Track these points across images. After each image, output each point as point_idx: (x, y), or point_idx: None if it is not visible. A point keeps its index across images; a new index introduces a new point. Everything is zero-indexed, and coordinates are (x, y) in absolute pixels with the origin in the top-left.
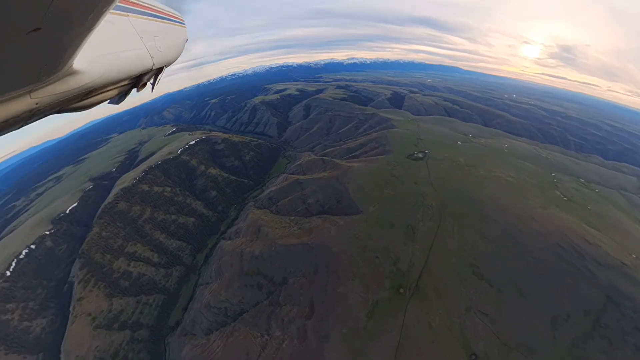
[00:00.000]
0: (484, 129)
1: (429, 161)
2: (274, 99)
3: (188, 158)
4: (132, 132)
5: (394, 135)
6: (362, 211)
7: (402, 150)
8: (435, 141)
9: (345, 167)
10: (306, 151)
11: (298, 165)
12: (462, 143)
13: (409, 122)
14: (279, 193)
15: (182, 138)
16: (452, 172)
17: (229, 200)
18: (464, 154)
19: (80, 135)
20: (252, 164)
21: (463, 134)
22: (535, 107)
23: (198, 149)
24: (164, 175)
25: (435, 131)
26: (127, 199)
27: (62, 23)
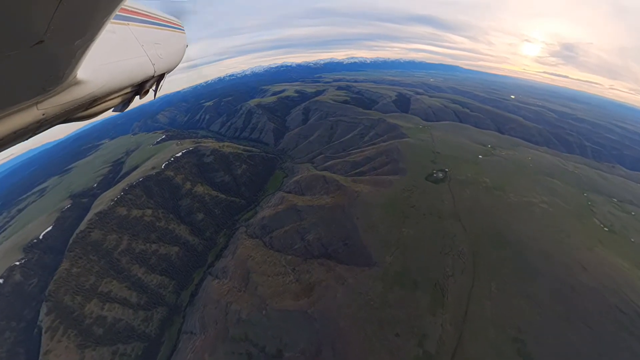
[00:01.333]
0: (501, 137)
1: (451, 184)
2: (270, 102)
3: (172, 174)
4: (123, 139)
5: (407, 148)
6: (377, 262)
7: (418, 168)
8: (455, 156)
9: (351, 193)
10: (305, 162)
11: (296, 182)
12: (483, 157)
13: (420, 130)
14: (274, 221)
15: (169, 149)
16: (480, 199)
17: (218, 224)
18: (488, 172)
19: (75, 139)
20: (245, 178)
21: (482, 145)
22: (544, 109)
23: (184, 162)
24: (145, 194)
25: (451, 142)
26: (102, 226)
27: (65, 35)
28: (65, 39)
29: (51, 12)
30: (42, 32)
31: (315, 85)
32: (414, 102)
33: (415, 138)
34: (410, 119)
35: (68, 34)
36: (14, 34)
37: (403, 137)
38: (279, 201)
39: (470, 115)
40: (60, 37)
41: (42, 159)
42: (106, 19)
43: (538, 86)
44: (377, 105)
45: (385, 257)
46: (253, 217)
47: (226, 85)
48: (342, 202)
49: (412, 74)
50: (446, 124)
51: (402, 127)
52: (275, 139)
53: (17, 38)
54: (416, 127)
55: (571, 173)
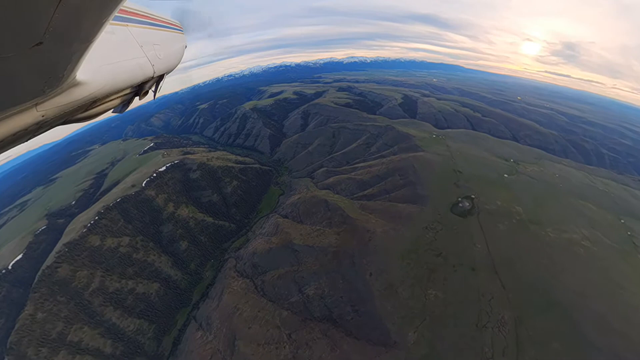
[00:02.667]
0: (521, 148)
1: (481, 217)
2: (267, 105)
3: (154, 193)
4: (112, 145)
5: (424, 165)
6: (396, 341)
7: (440, 195)
8: (478, 175)
9: (361, 232)
10: (304, 176)
11: (293, 206)
12: (509, 176)
13: (434, 141)
14: (266, 259)
15: (154, 161)
16: (516, 238)
17: (204, 254)
18: (518, 197)
19: (69, 143)
20: (235, 197)
21: (504, 159)
22: (554, 112)
23: (168, 178)
24: (122, 218)
25: (471, 156)
26: (72, 260)
27: (64, 36)
28: (64, 40)
29: (50, 14)
30: (41, 33)
31: (315, 86)
32: (421, 106)
33: (431, 151)
34: (421, 126)
35: (67, 35)
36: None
37: (416, 149)
38: (273, 229)
39: (483, 121)
40: (59, 38)
41: (34, 164)
42: (105, 20)
43: (541, 86)
44: (382, 109)
45: (407, 333)
46: (244, 245)
47: (223, 86)
48: (350, 247)
49: (413, 73)
50: (461, 132)
51: (413, 137)
52: (271, 147)
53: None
54: (429, 136)
55: (602, 193)
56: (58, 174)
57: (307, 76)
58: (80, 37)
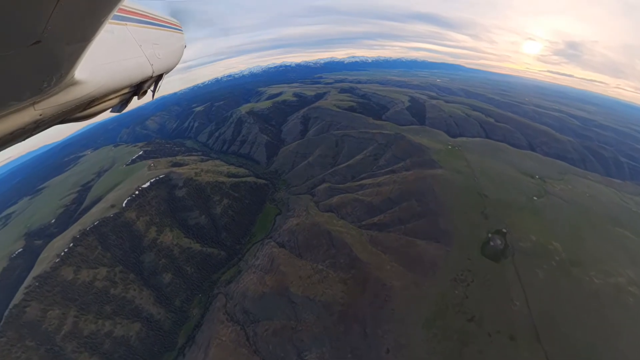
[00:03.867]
0: (543, 160)
1: (516, 259)
2: (264, 108)
3: (134, 215)
4: (103, 151)
5: (445, 188)
6: None
7: (467, 230)
8: (506, 200)
9: (375, 282)
10: (304, 192)
11: (291, 233)
12: (539, 198)
13: (451, 153)
14: (259, 305)
15: (139, 174)
16: (558, 289)
17: (191, 288)
18: (553, 228)
19: (64, 146)
20: (226, 219)
21: (529, 176)
22: (565, 115)
23: (151, 196)
24: (100, 244)
25: (495, 173)
26: (42, 298)
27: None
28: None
29: (49, 12)
30: (39, 32)
31: (316, 87)
32: (430, 109)
33: (450, 168)
34: (433, 134)
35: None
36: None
37: (433, 165)
38: (268, 263)
39: (496, 127)
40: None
41: (30, 168)
42: (104, 19)
43: (544, 86)
44: (389, 113)
45: None
46: (235, 278)
47: (222, 86)
48: (362, 307)
49: (415, 73)
50: (478, 142)
51: (427, 148)
52: (267, 156)
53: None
54: (444, 146)
55: (636, 215)
56: (46, 183)
57: (308, 76)
58: (79, 36)
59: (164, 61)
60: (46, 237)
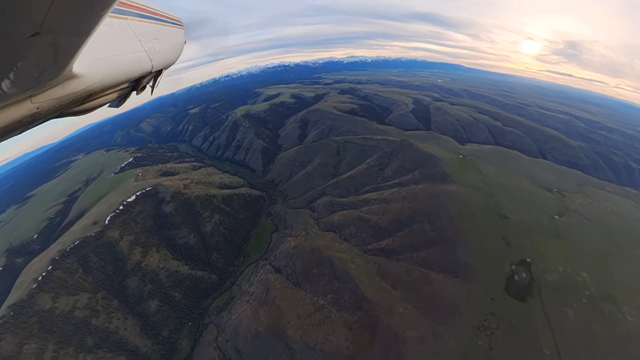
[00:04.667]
0: (557, 169)
1: (543, 296)
2: (261, 111)
3: (118, 234)
4: (94, 156)
5: (461, 208)
6: None
7: (489, 261)
8: (528, 222)
9: (386, 331)
10: (302, 207)
11: (288, 256)
12: (560, 217)
13: (463, 164)
14: (253, 346)
15: (125, 185)
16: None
17: (179, 315)
18: (579, 254)
19: (59, 149)
20: (217, 238)
21: (547, 189)
22: (570, 117)
23: (136, 212)
24: (81, 267)
25: (512, 188)
26: (17, 330)
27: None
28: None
29: (48, 4)
30: (38, 24)
31: (314, 88)
32: (435, 112)
33: (465, 183)
34: (442, 140)
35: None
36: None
37: (445, 179)
38: (262, 292)
39: (505, 132)
40: (56, 29)
41: (24, 171)
42: (104, 12)
43: (544, 85)
44: (392, 116)
45: None
46: (227, 306)
47: (219, 87)
48: None
49: (416, 73)
50: (489, 150)
51: (438, 159)
52: (263, 163)
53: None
54: (455, 155)
55: None
56: (34, 191)
57: (307, 76)
58: (78, 29)
59: (163, 56)
60: (27, 255)
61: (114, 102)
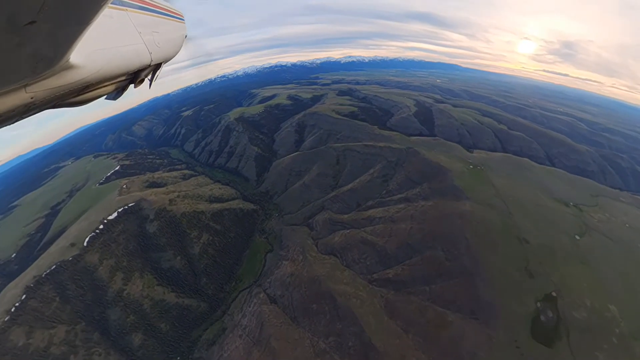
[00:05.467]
0: (570, 178)
1: (572, 340)
2: (255, 114)
3: (97, 258)
4: (82, 162)
5: (477, 231)
6: None
7: (512, 298)
8: (549, 244)
9: None
10: (300, 223)
11: (284, 285)
12: (581, 237)
13: (475, 176)
14: None
15: (108, 199)
16: None
17: (166, 350)
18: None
19: (49, 153)
20: (206, 260)
21: (563, 203)
22: (572, 119)
23: (118, 232)
24: (58, 296)
25: (529, 204)
26: None
27: (59, 16)
28: (59, 20)
29: None
30: (34, 11)
31: (312, 89)
32: (438, 115)
33: (479, 200)
34: (448, 147)
35: (63, 15)
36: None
37: (457, 194)
38: (256, 327)
39: (511, 136)
40: (54, 18)
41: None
42: (104, 2)
43: (542, 85)
44: (394, 120)
45: None
46: (219, 340)
47: (215, 88)
48: None
49: (414, 73)
50: (499, 158)
51: (447, 170)
52: (257, 172)
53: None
54: (465, 165)
55: None
56: (19, 200)
57: (304, 77)
58: (76, 19)
59: (163, 50)
60: (5, 277)
61: (111, 94)
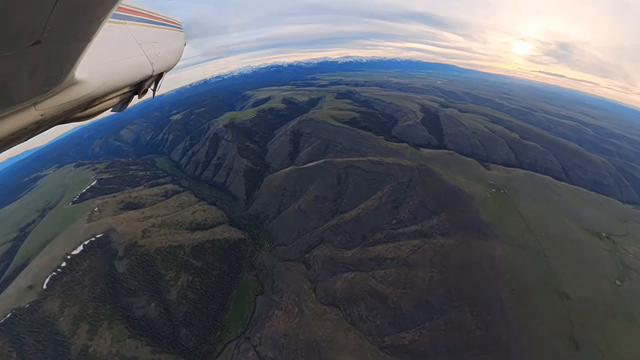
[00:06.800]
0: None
1: None
2: (247, 120)
3: (58, 306)
4: (62, 173)
5: (511, 284)
6: None
7: None
8: (591, 299)
9: None
10: (295, 258)
11: (276, 347)
12: (621, 283)
13: (499, 203)
14: None
15: (75, 226)
16: None
17: None
18: None
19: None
20: (185, 307)
21: (596, 235)
22: (578, 124)
23: (82, 272)
24: (15, 351)
25: (559, 238)
26: None
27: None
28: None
29: (48, 12)
30: (39, 32)
31: (309, 91)
32: (445, 122)
33: (509, 238)
34: (464, 164)
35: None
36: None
37: (482, 230)
38: None
39: (525, 147)
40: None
41: None
42: (104, 18)
43: (539, 87)
44: (399, 127)
45: None
46: None
47: (209, 89)
48: None
49: (412, 74)
50: (522, 177)
51: (468, 196)
52: (247, 188)
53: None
54: (486, 188)
55: None
56: None
57: (300, 77)
58: (79, 36)
59: (164, 60)
60: None
61: (117, 106)
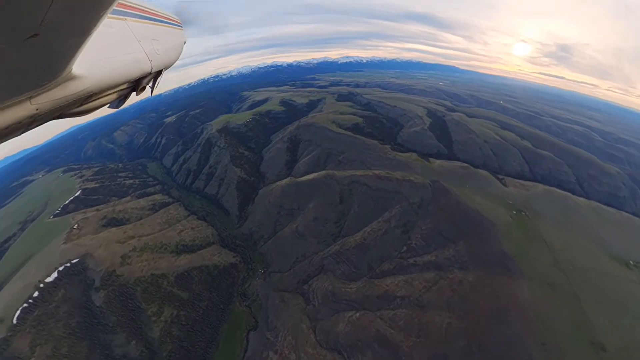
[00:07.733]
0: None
1: None
2: (241, 124)
3: (28, 345)
4: (49, 178)
5: (541, 335)
6: None
7: None
8: (626, 346)
9: None
10: (292, 289)
11: None
12: None
13: (522, 229)
14: None
15: (51, 248)
16: None
17: None
18: None
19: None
20: (169, 346)
21: (624, 264)
22: (586, 129)
23: (56, 303)
24: None
25: (587, 271)
26: None
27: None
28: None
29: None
30: (36, 24)
31: (308, 92)
32: (453, 128)
33: (536, 276)
34: (480, 180)
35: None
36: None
37: (506, 265)
38: None
39: (539, 157)
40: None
41: None
42: (103, 13)
43: (540, 89)
44: (405, 134)
45: None
46: None
47: (206, 89)
48: None
49: (413, 75)
50: (541, 195)
51: (489, 221)
52: (240, 202)
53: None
54: (506, 209)
55: None
56: None
57: (300, 77)
58: (77, 30)
59: (163, 57)
60: None
61: (114, 102)
